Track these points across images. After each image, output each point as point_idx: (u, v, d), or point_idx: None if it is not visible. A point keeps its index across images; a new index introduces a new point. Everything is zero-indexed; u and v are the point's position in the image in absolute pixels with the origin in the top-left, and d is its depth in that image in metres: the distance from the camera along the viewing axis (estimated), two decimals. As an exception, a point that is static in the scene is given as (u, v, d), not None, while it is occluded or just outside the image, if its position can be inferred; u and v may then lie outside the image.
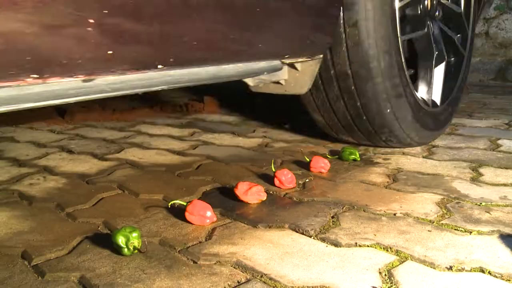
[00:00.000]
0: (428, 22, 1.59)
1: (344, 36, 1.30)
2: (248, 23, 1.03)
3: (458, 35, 1.80)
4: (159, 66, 0.89)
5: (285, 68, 1.35)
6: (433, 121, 1.60)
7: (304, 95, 1.51)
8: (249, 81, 1.34)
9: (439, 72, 1.67)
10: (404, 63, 1.41)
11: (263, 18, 1.06)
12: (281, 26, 1.12)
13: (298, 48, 1.23)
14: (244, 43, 1.06)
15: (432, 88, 1.62)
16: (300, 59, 1.29)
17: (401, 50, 1.39)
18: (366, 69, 1.33)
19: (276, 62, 1.21)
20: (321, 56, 1.32)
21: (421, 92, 1.62)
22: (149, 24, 0.83)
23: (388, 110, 1.39)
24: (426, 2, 1.57)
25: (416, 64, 1.65)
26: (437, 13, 1.65)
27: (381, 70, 1.33)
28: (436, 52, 1.64)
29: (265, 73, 1.18)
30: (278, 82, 1.41)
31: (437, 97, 1.67)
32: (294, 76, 1.37)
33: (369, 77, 1.34)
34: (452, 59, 1.79)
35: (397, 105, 1.41)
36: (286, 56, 1.22)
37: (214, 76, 1.05)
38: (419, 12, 1.56)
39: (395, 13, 1.36)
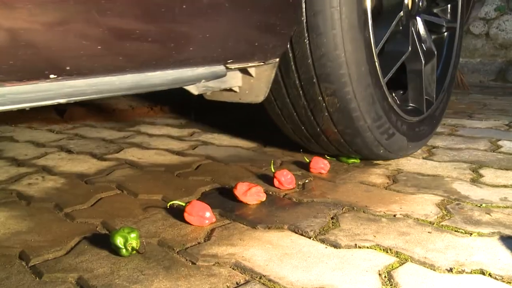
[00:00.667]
0: (412, 29, 1.44)
1: (324, 104, 1.23)
2: (174, 22, 0.86)
3: (448, 5, 1.69)
4: (52, 76, 0.75)
5: (237, 74, 1.22)
6: (429, 124, 1.55)
7: (294, 139, 1.46)
8: (192, 89, 1.16)
9: (430, 66, 1.56)
10: (392, 103, 1.33)
11: (194, 16, 0.88)
12: (219, 26, 0.95)
13: (244, 52, 1.06)
14: (170, 47, 0.88)
15: (424, 89, 1.52)
16: (250, 64, 1.12)
17: (387, 94, 1.31)
18: (353, 128, 1.27)
19: (217, 68, 1.04)
20: (277, 60, 1.16)
21: (414, 100, 1.52)
22: (27, 24, 0.67)
23: (382, 151, 1.36)
24: (406, 2, 1.42)
25: (404, 68, 1.53)
26: (420, 4, 1.50)
27: (368, 126, 1.27)
28: (425, 50, 1.54)
29: (203, 80, 1.02)
30: (231, 90, 1.27)
31: (431, 93, 1.57)
32: (249, 82, 1.24)
33: (357, 134, 1.29)
34: (445, 33, 1.68)
35: (391, 144, 1.36)
36: (230, 61, 1.05)
37: (134, 86, 0.89)
38: (400, 28, 1.42)
39: (375, 65, 1.24)
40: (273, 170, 1.23)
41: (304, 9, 1.13)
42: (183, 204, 1.00)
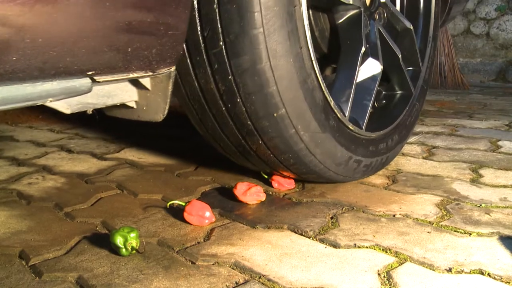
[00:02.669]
0: (378, 30, 1.30)
1: (280, 162, 1.16)
2: None
3: None
4: None
5: (128, 86, 1.03)
6: (420, 97, 1.44)
7: None
8: (59, 107, 0.91)
9: (408, 40, 1.42)
10: (377, 141, 1.25)
11: (10, 12, 0.64)
12: (58, 26, 0.70)
13: (112, 60, 0.82)
14: None
15: (406, 66, 1.39)
16: (131, 75, 0.89)
17: (371, 139, 1.23)
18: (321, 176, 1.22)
19: (76, 82, 0.81)
20: (172, 69, 0.96)
21: (400, 87, 1.41)
22: None
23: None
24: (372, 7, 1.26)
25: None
26: None
27: (361, 179, 1.25)
28: (399, 31, 1.41)
29: (49, 99, 0.79)
30: (125, 105, 1.08)
31: (416, 62, 1.44)
32: (146, 97, 1.05)
33: (325, 177, 1.21)
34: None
35: (387, 162, 1.32)
36: (92, 73, 0.81)
37: None
38: (367, 45, 1.24)
39: (352, 138, 1.16)
40: (273, 170, 1.23)
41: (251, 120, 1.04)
42: (183, 204, 1.00)
